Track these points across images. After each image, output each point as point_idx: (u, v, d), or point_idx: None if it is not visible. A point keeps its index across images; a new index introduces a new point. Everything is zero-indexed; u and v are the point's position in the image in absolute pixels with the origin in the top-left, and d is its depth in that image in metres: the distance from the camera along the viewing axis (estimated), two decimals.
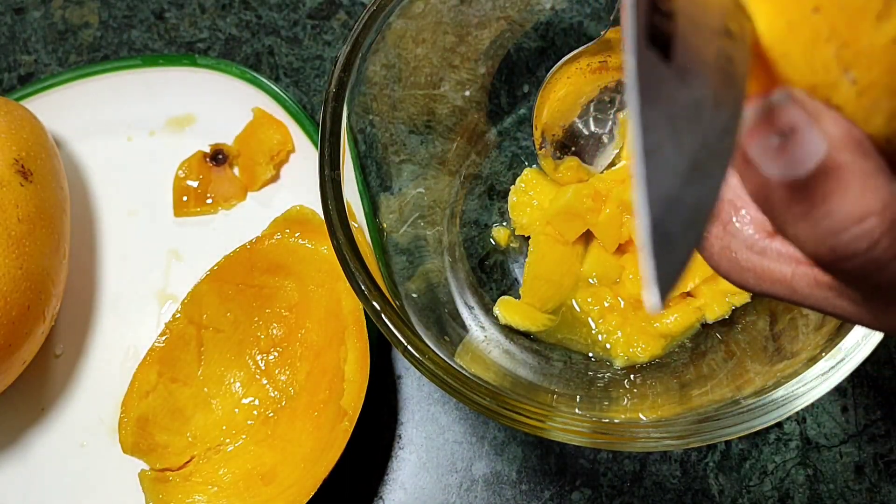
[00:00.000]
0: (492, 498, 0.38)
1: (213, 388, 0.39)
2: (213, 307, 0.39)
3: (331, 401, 0.36)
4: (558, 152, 0.39)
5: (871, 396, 0.38)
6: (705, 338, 0.37)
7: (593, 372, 0.37)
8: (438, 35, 0.37)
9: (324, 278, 0.39)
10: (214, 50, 0.48)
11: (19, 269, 0.36)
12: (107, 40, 0.48)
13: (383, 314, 0.29)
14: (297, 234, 0.39)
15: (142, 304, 0.42)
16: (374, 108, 0.35)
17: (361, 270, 0.30)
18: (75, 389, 0.41)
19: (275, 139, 0.43)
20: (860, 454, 0.38)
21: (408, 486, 0.38)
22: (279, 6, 0.48)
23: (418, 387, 0.40)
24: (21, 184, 0.37)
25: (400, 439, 0.39)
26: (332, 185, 0.31)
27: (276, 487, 0.36)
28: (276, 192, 0.43)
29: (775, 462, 0.38)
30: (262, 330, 0.40)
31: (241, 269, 0.39)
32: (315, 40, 0.47)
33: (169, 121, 0.45)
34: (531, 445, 0.38)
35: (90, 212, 0.44)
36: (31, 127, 0.40)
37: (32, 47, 0.49)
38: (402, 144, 0.38)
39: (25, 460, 0.40)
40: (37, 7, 0.50)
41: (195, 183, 0.44)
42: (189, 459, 0.38)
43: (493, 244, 0.40)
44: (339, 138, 0.32)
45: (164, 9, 0.49)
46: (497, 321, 0.38)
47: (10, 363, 0.36)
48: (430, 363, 0.29)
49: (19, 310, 0.36)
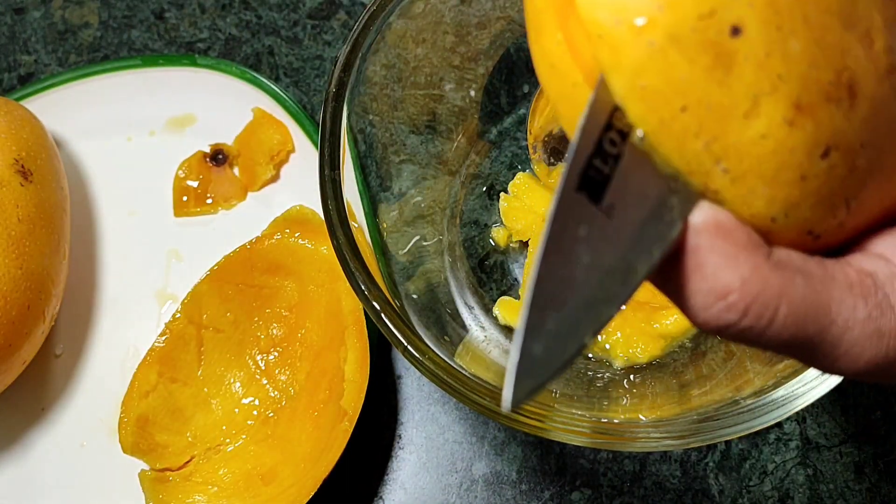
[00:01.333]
0: (492, 498, 0.38)
1: (213, 388, 0.39)
2: (213, 307, 0.39)
3: (331, 401, 0.36)
4: (552, 158, 0.39)
5: (871, 396, 0.38)
6: (705, 338, 0.37)
7: (593, 372, 0.37)
8: (438, 35, 0.37)
9: (324, 278, 0.39)
10: (214, 50, 0.48)
11: (19, 269, 0.36)
12: (107, 40, 0.48)
13: (383, 314, 0.29)
14: (297, 234, 0.39)
15: (142, 304, 0.42)
16: (374, 108, 0.35)
17: (361, 270, 0.30)
18: (75, 389, 0.41)
19: (275, 139, 0.43)
20: (860, 454, 0.38)
21: (408, 486, 0.38)
22: (279, 6, 0.48)
23: (418, 387, 0.40)
24: (21, 184, 0.37)
25: (400, 439, 0.39)
26: (332, 185, 0.31)
27: (276, 487, 0.36)
28: (276, 192, 0.43)
29: (775, 462, 0.38)
30: (262, 330, 0.40)
31: (241, 269, 0.39)
32: (315, 40, 0.47)
33: (169, 121, 0.45)
34: (531, 445, 0.38)
35: (90, 212, 0.44)
36: (31, 127, 0.40)
37: (32, 47, 0.49)
38: (402, 144, 0.38)
39: (25, 460, 0.40)
40: (37, 7, 0.50)
41: (195, 183, 0.44)
42: (189, 459, 0.38)
43: (493, 244, 0.40)
44: (339, 138, 0.32)
45: (164, 9, 0.49)
46: (497, 321, 0.38)
47: (10, 363, 0.36)
48: (430, 363, 0.29)
49: (19, 310, 0.36)
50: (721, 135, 0.16)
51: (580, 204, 0.16)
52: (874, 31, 0.17)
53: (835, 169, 0.17)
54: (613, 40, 0.16)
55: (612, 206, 0.17)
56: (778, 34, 0.16)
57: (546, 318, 0.16)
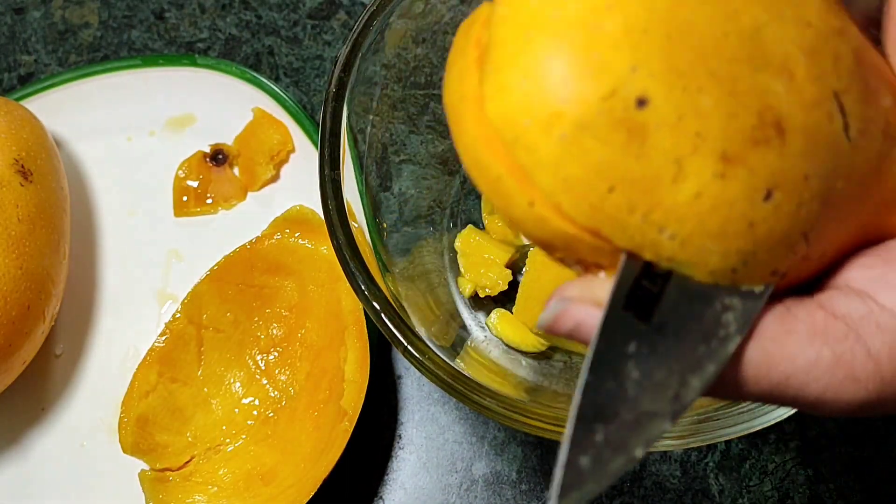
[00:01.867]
0: (492, 498, 0.38)
1: (213, 388, 0.39)
2: (213, 307, 0.39)
3: (331, 401, 0.36)
4: None
5: None
6: None
7: None
8: (438, 35, 0.37)
9: (324, 278, 0.39)
10: (214, 50, 0.48)
11: (19, 269, 0.36)
12: (107, 40, 0.48)
13: (383, 314, 0.29)
14: (297, 234, 0.39)
15: (142, 304, 0.42)
16: (374, 108, 0.35)
17: (361, 270, 0.30)
18: (75, 389, 0.41)
19: (275, 139, 0.43)
20: (860, 454, 0.38)
21: (408, 486, 0.38)
22: (279, 6, 0.48)
23: (418, 387, 0.40)
24: (21, 184, 0.37)
25: (400, 439, 0.39)
26: (332, 185, 0.31)
27: (276, 487, 0.36)
28: (276, 192, 0.43)
29: (775, 462, 0.38)
30: (262, 330, 0.40)
31: (241, 269, 0.39)
32: (315, 40, 0.47)
33: (169, 121, 0.45)
34: (531, 445, 0.38)
35: (90, 212, 0.44)
36: (31, 127, 0.40)
37: (32, 47, 0.49)
38: (402, 144, 0.38)
39: (25, 460, 0.40)
40: (37, 7, 0.50)
41: (195, 183, 0.44)
42: (189, 459, 0.38)
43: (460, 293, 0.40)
44: (339, 138, 0.32)
45: (164, 9, 0.49)
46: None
47: (10, 363, 0.36)
48: (430, 363, 0.29)
49: (19, 310, 0.36)
50: (655, 204, 0.16)
51: (628, 321, 0.17)
52: (792, 62, 0.17)
53: (781, 208, 0.17)
54: (527, 141, 0.16)
55: (662, 324, 0.17)
56: (685, 95, 0.16)
57: (594, 431, 0.16)
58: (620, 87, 0.16)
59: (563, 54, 0.16)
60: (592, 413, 0.16)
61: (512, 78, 0.16)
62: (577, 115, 0.16)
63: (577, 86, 0.16)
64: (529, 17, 0.16)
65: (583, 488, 0.16)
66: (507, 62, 0.17)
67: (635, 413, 0.16)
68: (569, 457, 0.16)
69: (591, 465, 0.16)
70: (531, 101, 0.16)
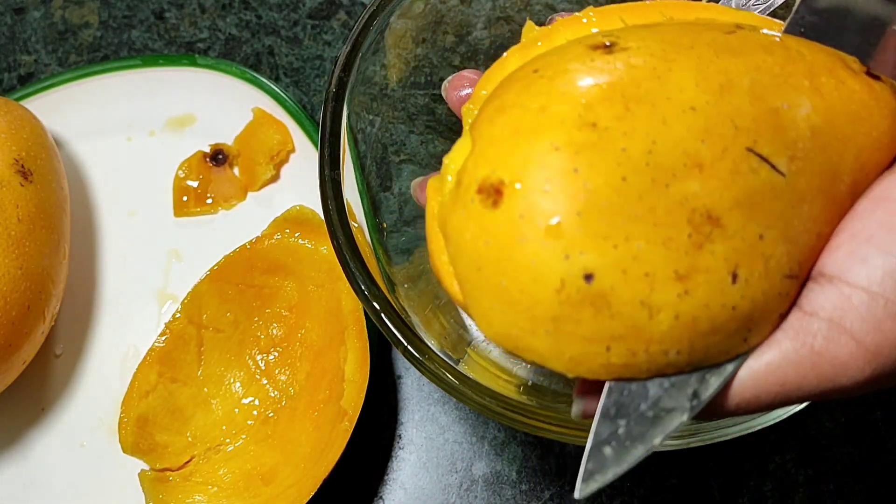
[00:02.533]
0: (492, 498, 0.38)
1: (213, 388, 0.39)
2: (213, 307, 0.39)
3: (331, 401, 0.36)
4: None
5: (871, 396, 0.38)
6: None
7: None
8: (438, 35, 0.37)
9: (324, 278, 0.39)
10: (214, 50, 0.48)
11: (19, 269, 0.36)
12: (107, 40, 0.48)
13: (383, 314, 0.29)
14: (297, 234, 0.39)
15: (142, 304, 0.42)
16: (374, 108, 0.35)
17: (361, 270, 0.30)
18: (75, 389, 0.41)
19: (275, 139, 0.43)
20: (860, 454, 0.38)
21: (408, 486, 0.38)
22: (279, 6, 0.48)
23: (418, 387, 0.40)
24: (21, 184, 0.37)
25: (400, 439, 0.39)
26: (332, 185, 0.31)
27: (276, 487, 0.36)
28: (276, 192, 0.43)
29: (775, 462, 0.38)
30: (262, 330, 0.40)
31: (241, 269, 0.39)
32: (315, 40, 0.47)
33: (169, 121, 0.45)
34: (531, 445, 0.38)
35: (90, 212, 0.44)
36: (31, 127, 0.40)
37: (32, 47, 0.49)
38: (402, 144, 0.38)
39: (25, 460, 0.40)
40: (37, 7, 0.50)
41: (195, 183, 0.44)
42: (189, 459, 0.38)
43: None
44: (339, 138, 0.32)
45: (164, 9, 0.49)
46: None
47: (10, 363, 0.36)
48: (430, 363, 0.29)
49: (19, 310, 0.36)
50: (648, 340, 0.18)
51: None
52: (693, 156, 0.18)
53: (752, 277, 0.18)
54: (525, 345, 0.19)
55: None
56: (619, 251, 0.18)
57: (618, 426, 0.19)
58: (565, 276, 0.18)
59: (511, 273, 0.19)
60: (616, 410, 0.19)
61: (487, 306, 0.19)
62: (548, 313, 0.18)
63: (535, 290, 0.18)
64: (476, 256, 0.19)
65: (605, 473, 0.19)
66: (478, 294, 0.20)
67: (656, 410, 0.19)
68: (592, 446, 0.19)
69: (614, 454, 0.19)
70: (512, 318, 0.19)
